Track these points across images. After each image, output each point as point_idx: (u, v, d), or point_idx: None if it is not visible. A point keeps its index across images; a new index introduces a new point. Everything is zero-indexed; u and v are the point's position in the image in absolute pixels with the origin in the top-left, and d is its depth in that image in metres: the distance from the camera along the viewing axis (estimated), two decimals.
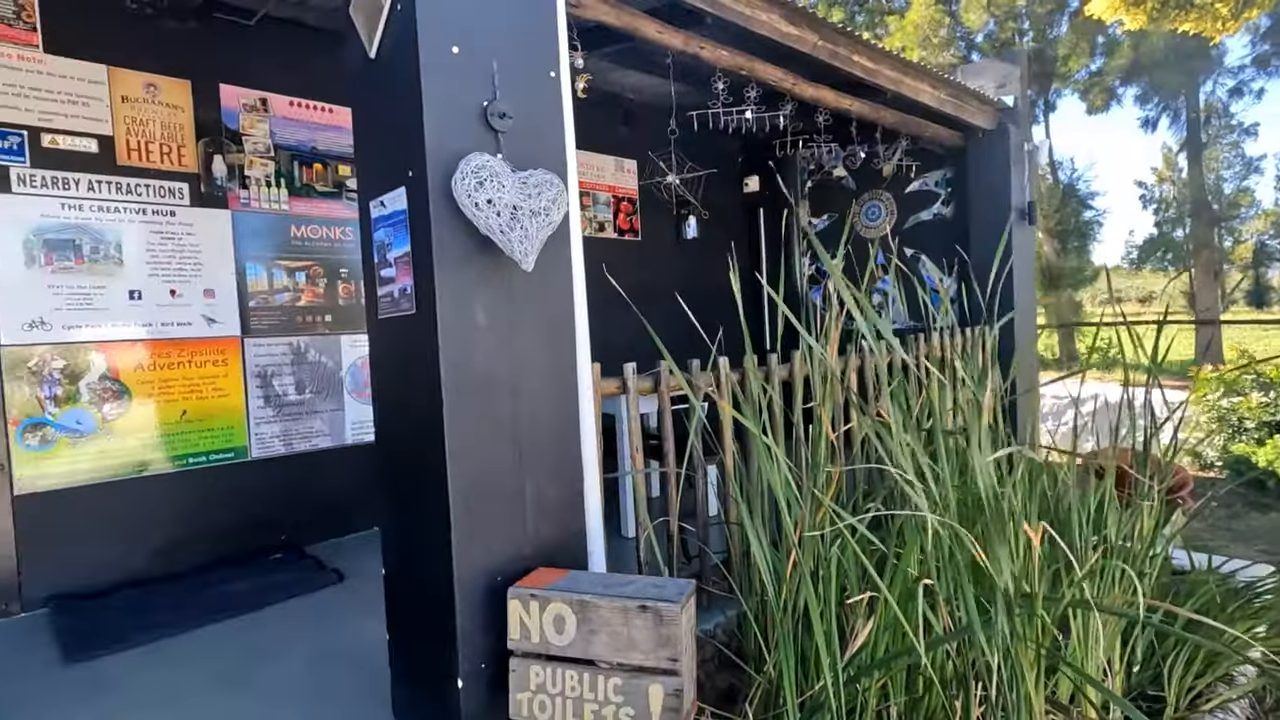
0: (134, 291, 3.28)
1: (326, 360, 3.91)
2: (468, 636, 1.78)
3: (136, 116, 3.29)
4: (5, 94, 2.97)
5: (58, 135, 3.09)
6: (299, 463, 3.80)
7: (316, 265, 3.86)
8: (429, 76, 1.72)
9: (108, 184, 3.21)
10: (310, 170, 3.85)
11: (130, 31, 3.28)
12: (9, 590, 2.97)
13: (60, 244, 3.09)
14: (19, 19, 3.00)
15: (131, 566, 3.26)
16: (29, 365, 3.02)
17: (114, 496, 3.23)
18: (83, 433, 3.15)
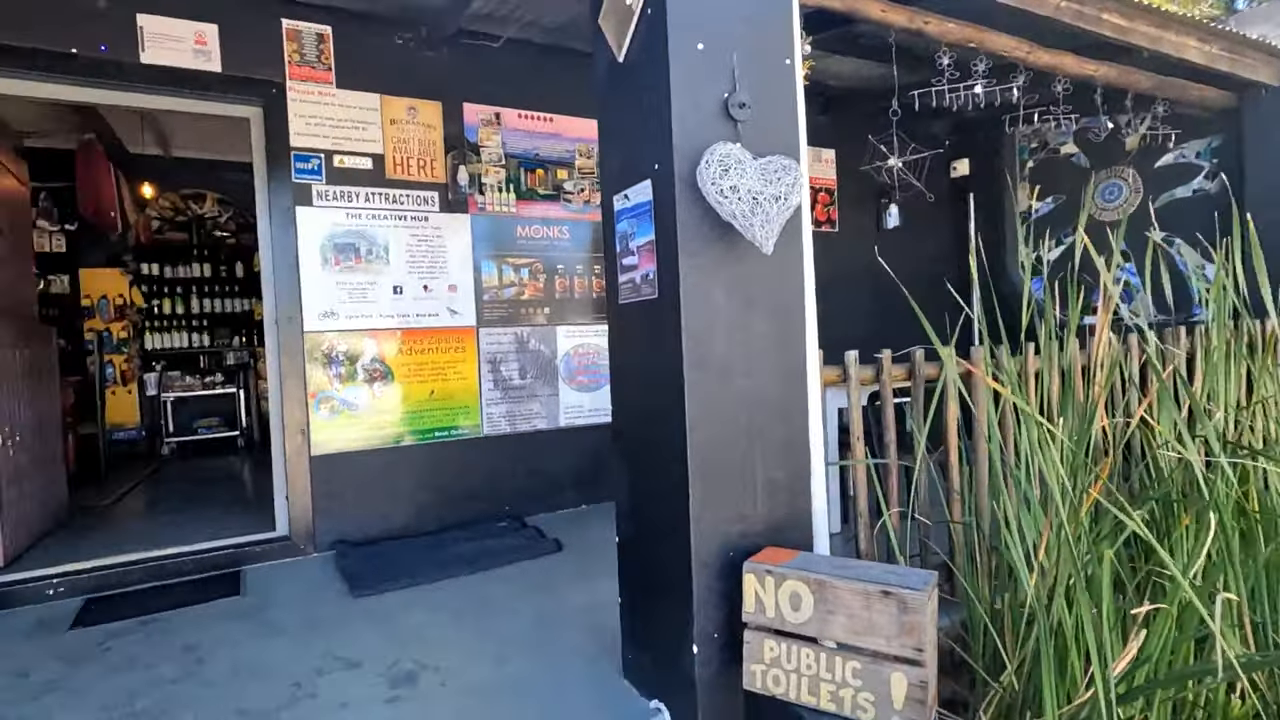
0: (397, 287, 3.82)
1: (544, 349, 4.27)
2: (702, 605, 1.87)
3: (401, 136, 3.83)
4: (309, 124, 3.60)
5: (345, 156, 3.69)
6: (520, 442, 4.19)
7: (537, 262, 4.23)
8: (677, 73, 1.82)
9: (379, 195, 3.77)
10: (533, 175, 4.23)
11: (397, 62, 3.83)
12: (308, 534, 3.61)
13: (345, 247, 3.69)
14: (319, 61, 3.63)
15: (390, 523, 3.81)
16: (322, 349, 3.65)
17: (378, 462, 3.80)
18: (358, 407, 3.74)
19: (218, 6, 3.40)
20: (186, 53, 3.34)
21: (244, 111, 3.57)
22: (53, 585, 3.14)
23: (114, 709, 2.17)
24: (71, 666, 2.48)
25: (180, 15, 3.32)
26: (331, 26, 3.65)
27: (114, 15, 3.20)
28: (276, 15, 3.52)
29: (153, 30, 3.27)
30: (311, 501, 3.62)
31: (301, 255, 3.59)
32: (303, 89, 3.59)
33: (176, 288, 7.59)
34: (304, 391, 3.61)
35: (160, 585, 3.25)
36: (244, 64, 3.47)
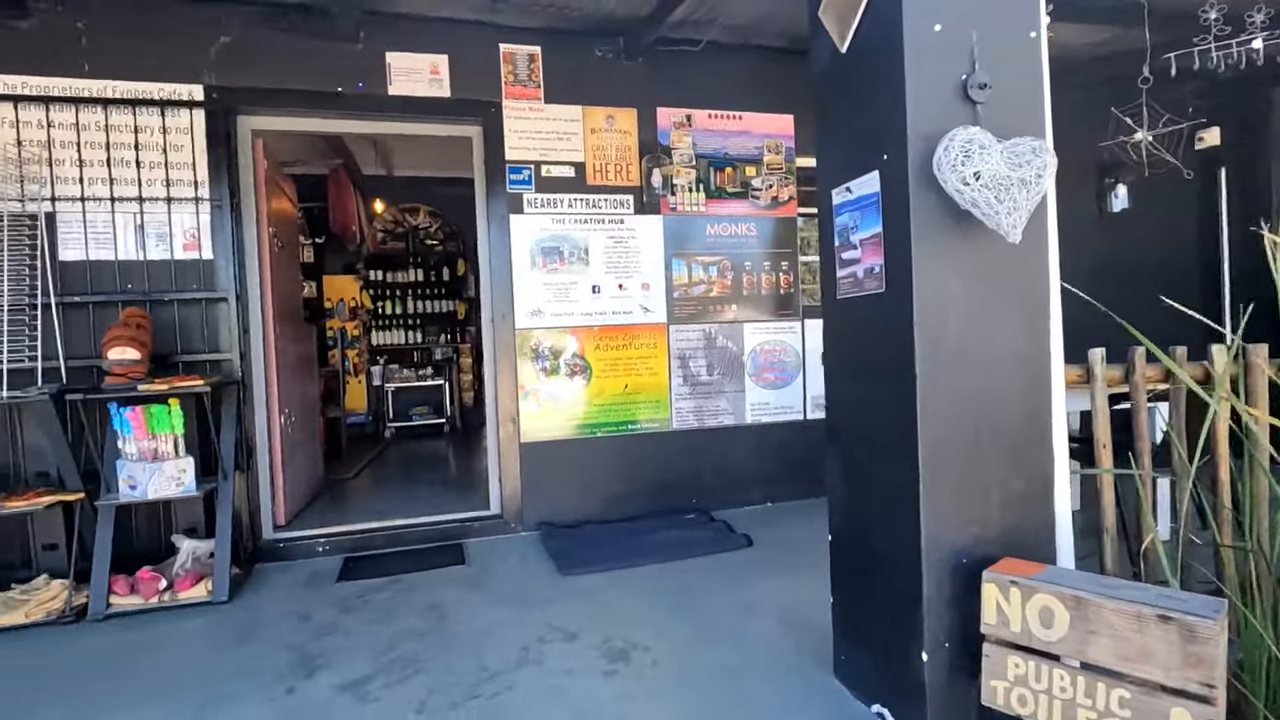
0: (595, 286, 4.05)
1: (731, 346, 4.30)
2: (933, 611, 1.79)
3: (600, 144, 4.05)
4: (521, 138, 3.92)
5: (551, 165, 3.97)
6: (707, 437, 4.26)
7: (725, 259, 4.27)
8: (912, 57, 1.76)
9: (580, 200, 4.02)
10: (722, 174, 4.27)
11: (597, 74, 4.05)
12: (517, 514, 3.94)
13: (550, 250, 3.98)
14: (530, 79, 3.94)
15: (588, 508, 4.05)
16: (530, 345, 3.96)
17: (577, 452, 4.05)
18: (560, 399, 4.01)
19: (448, 39, 3.81)
20: (423, 82, 3.78)
21: (467, 131, 3.97)
22: (320, 544, 3.71)
23: (380, 654, 2.52)
24: (342, 613, 2.91)
25: (419, 50, 3.77)
26: (540, 46, 3.95)
27: (369, 56, 3.71)
28: (495, 41, 3.87)
29: (399, 66, 3.74)
30: (520, 485, 3.95)
31: (514, 259, 3.92)
32: (516, 106, 3.91)
33: (396, 291, 8.61)
34: (515, 384, 3.94)
35: (400, 550, 3.72)
36: (468, 88, 3.85)
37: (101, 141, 3.35)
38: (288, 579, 3.37)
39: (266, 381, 3.77)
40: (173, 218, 3.44)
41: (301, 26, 3.57)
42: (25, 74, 3.28)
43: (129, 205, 3.39)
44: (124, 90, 3.38)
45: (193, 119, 3.46)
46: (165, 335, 3.41)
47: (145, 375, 3.14)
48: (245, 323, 3.62)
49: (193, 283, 3.49)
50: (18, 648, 2.73)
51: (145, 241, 3.42)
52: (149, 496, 3.01)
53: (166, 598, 3.02)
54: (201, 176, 3.48)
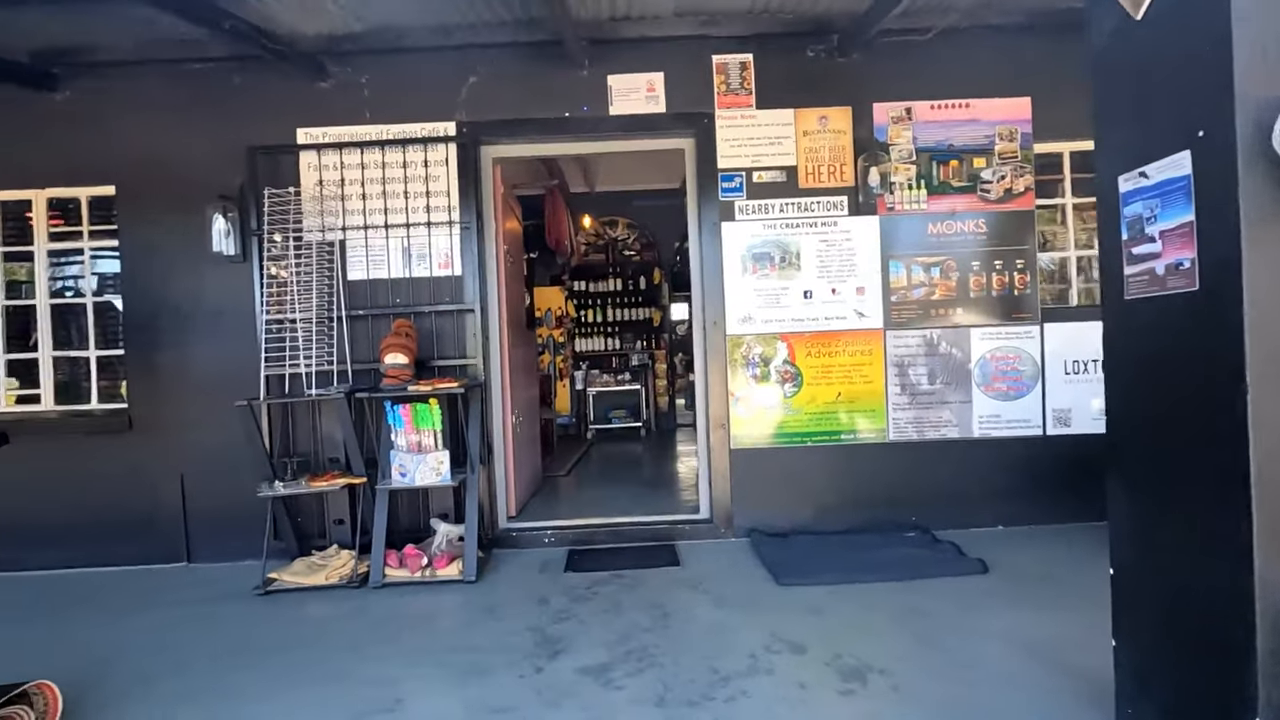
0: (807, 291, 3.96)
1: (956, 352, 3.98)
2: (1268, 671, 1.50)
3: (812, 146, 3.96)
4: (733, 146, 3.96)
5: (762, 171, 3.96)
6: (928, 450, 3.98)
7: (949, 260, 3.97)
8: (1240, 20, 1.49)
9: (792, 205, 3.96)
10: (946, 168, 3.98)
11: (809, 76, 3.97)
12: (727, 518, 3.97)
13: (761, 256, 3.96)
14: (741, 87, 3.96)
15: (798, 518, 3.96)
16: (740, 351, 3.97)
17: (787, 459, 3.98)
18: (771, 406, 3.98)
19: (663, 56, 3.95)
20: (641, 100, 3.96)
21: (680, 143, 4.09)
22: (547, 535, 4.01)
23: (614, 645, 2.66)
24: (574, 602, 3.12)
25: (637, 70, 3.95)
26: (752, 53, 3.96)
27: (592, 80, 3.96)
28: (708, 54, 3.95)
29: (619, 87, 3.95)
30: (730, 491, 3.97)
31: (725, 265, 3.96)
32: (728, 115, 3.96)
33: (596, 300, 9.12)
34: (725, 390, 3.97)
35: (618, 547, 3.90)
36: (682, 101, 3.97)
37: (378, 178, 3.93)
38: (522, 565, 3.69)
39: (501, 384, 4.16)
40: (431, 240, 3.93)
41: (537, 60, 3.91)
42: (324, 125, 3.94)
43: (398, 231, 3.93)
44: (395, 132, 3.93)
45: (447, 152, 3.93)
46: (425, 342, 3.89)
47: (412, 377, 3.61)
48: (486, 331, 4.03)
49: (445, 296, 3.96)
50: (320, 603, 3.27)
51: (410, 261, 3.94)
52: (416, 484, 3.46)
53: (427, 574, 3.44)
54: (453, 202, 3.94)
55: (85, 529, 3.93)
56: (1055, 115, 3.95)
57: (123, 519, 3.94)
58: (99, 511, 3.94)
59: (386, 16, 3.65)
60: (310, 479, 3.59)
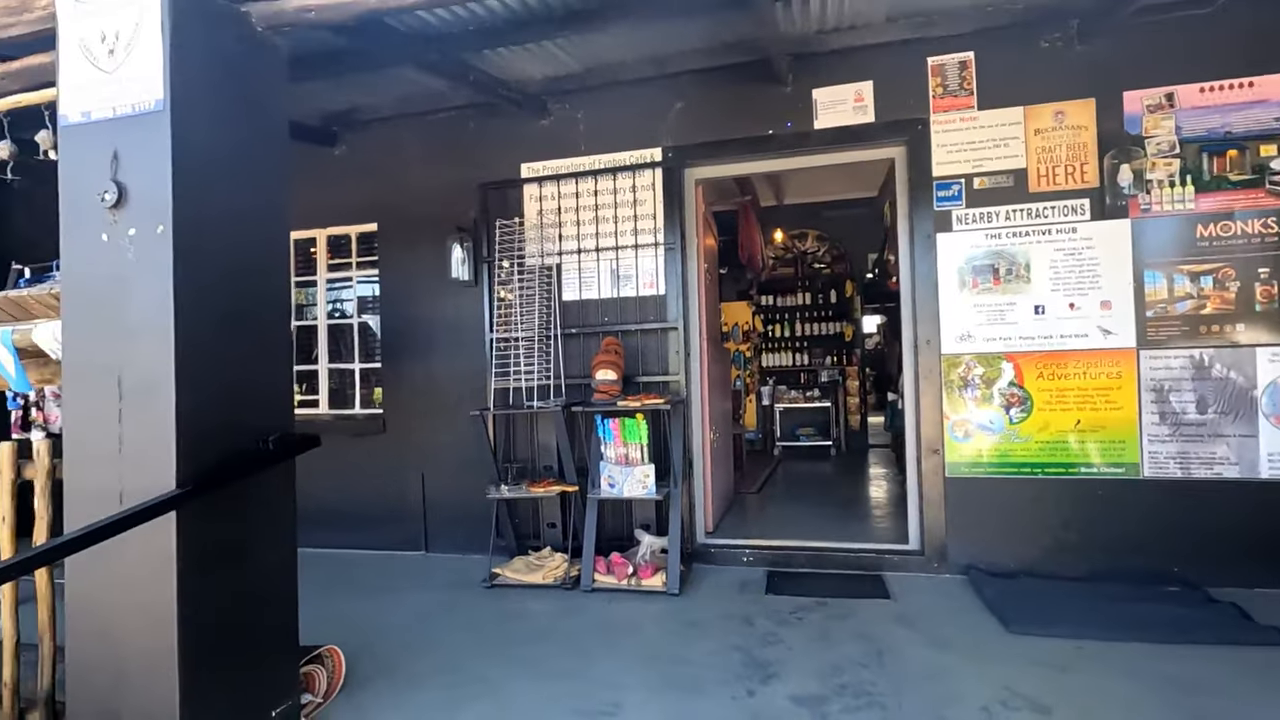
0: (1038, 306, 3.57)
1: (1235, 376, 3.35)
2: None
3: (1045, 145, 3.58)
4: (950, 151, 3.70)
5: (984, 177, 3.65)
6: (1197, 491, 3.39)
7: (1226, 267, 3.36)
8: None
9: (1020, 211, 3.60)
10: (1222, 159, 3.39)
11: (1042, 68, 3.60)
12: (940, 552, 3.68)
13: (982, 269, 3.65)
14: (960, 88, 3.69)
15: (1024, 557, 3.56)
16: (958, 371, 3.68)
17: (1013, 492, 3.60)
18: (994, 431, 3.63)
19: (872, 64, 3.80)
20: (848, 111, 3.84)
21: (889, 152, 3.90)
22: (744, 554, 3.99)
23: (827, 676, 2.57)
24: (779, 625, 3.07)
25: (844, 81, 3.84)
26: (974, 51, 3.67)
27: (796, 96, 3.92)
28: (922, 55, 3.74)
29: (824, 100, 3.87)
30: (944, 522, 3.68)
31: (940, 279, 3.70)
32: (944, 119, 3.71)
33: (784, 314, 8.97)
34: (939, 413, 3.70)
35: (820, 573, 3.78)
36: (892, 109, 3.79)
37: (591, 205, 4.20)
38: (722, 582, 3.70)
39: (700, 400, 4.23)
40: (638, 261, 4.12)
41: (739, 80, 3.95)
42: (545, 159, 4.29)
43: (607, 254, 4.17)
44: (605, 161, 4.18)
45: (654, 177, 4.10)
46: (630, 359, 4.07)
47: (620, 393, 3.79)
48: (686, 347, 4.12)
49: (650, 315, 4.11)
50: (539, 601, 3.52)
51: (618, 282, 4.15)
52: (624, 495, 3.62)
53: (633, 582, 3.57)
54: (658, 225, 4.10)
55: (348, 516, 4.60)
56: None
57: (376, 509, 4.57)
58: (358, 502, 4.59)
59: (607, 55, 3.90)
60: (529, 485, 3.90)
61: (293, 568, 2.31)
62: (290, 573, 2.29)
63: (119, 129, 1.98)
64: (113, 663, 1.91)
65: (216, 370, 2.03)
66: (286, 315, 2.39)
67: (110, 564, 1.89)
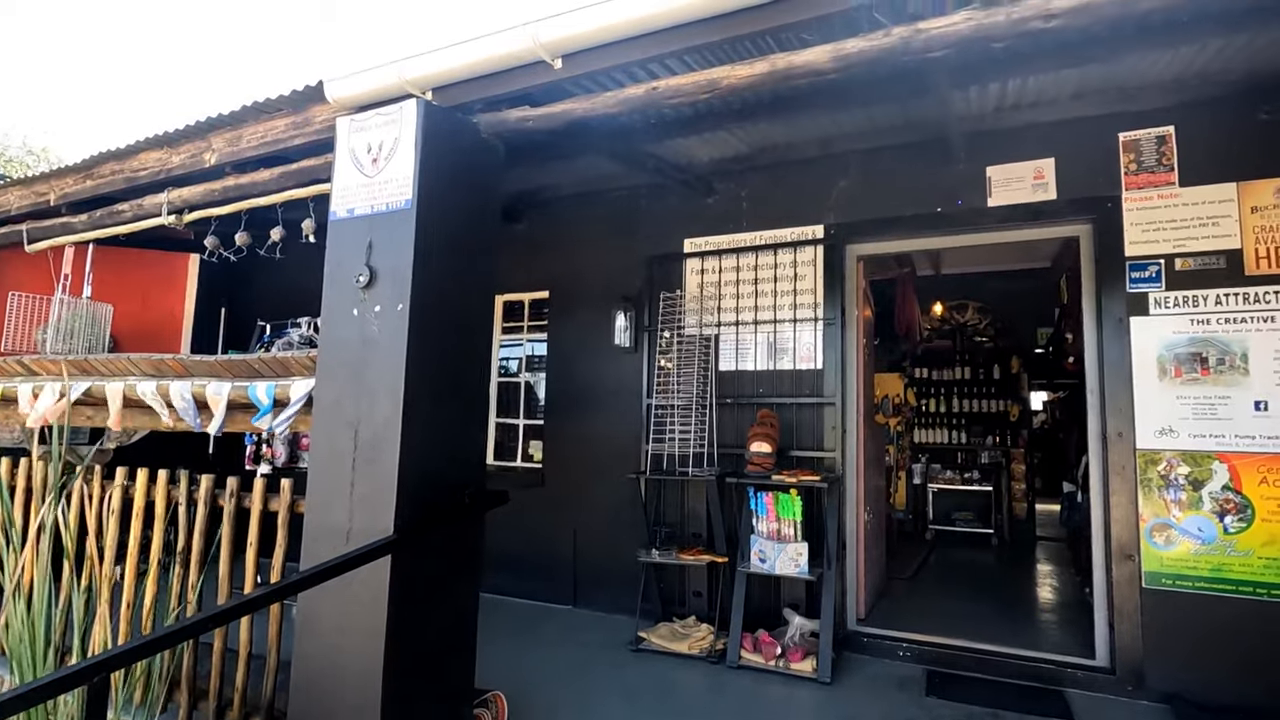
0: (1260, 403, 3.17)
1: None
2: None
3: (1265, 224, 3.24)
4: (1146, 230, 3.44)
5: (1189, 258, 3.35)
6: None
7: None
8: None
9: (1235, 296, 3.25)
10: None
11: (1259, 141, 3.29)
12: (1135, 672, 3.26)
13: (1188, 357, 3.31)
14: (1159, 164, 3.46)
15: (1249, 693, 3.06)
16: (1158, 469, 3.32)
17: (1229, 612, 3.13)
18: (1204, 540, 3.21)
19: (1053, 140, 3.67)
20: (1025, 189, 3.71)
21: (1073, 230, 3.70)
22: (901, 647, 3.75)
23: None
24: None
25: (1022, 158, 3.73)
26: (1174, 125, 3.44)
27: (968, 173, 3.85)
28: (1112, 131, 3.55)
29: (999, 178, 3.77)
30: (1142, 639, 3.26)
31: (1135, 367, 3.40)
32: (1139, 196, 3.47)
33: (940, 389, 8.50)
34: (1134, 514, 3.34)
35: (987, 679, 3.47)
36: (1077, 186, 3.61)
37: (750, 279, 4.32)
38: (875, 675, 3.50)
39: (856, 478, 4.11)
40: (797, 334, 4.15)
41: (906, 158, 3.96)
42: (707, 235, 4.50)
43: (765, 327, 4.24)
44: (767, 237, 4.31)
45: (815, 253, 4.16)
46: (784, 433, 4.07)
47: (774, 466, 3.79)
48: (843, 424, 4.05)
49: (806, 389, 4.11)
50: (684, 671, 3.52)
51: (774, 355, 4.21)
52: (776, 571, 3.57)
53: (781, 664, 3.48)
54: (818, 300, 4.13)
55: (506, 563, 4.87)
56: None
57: (530, 560, 4.81)
58: (515, 551, 4.86)
59: (775, 137, 4.07)
60: (679, 551, 3.95)
61: (474, 612, 2.51)
62: (473, 616, 2.50)
63: (375, 223, 2.37)
64: (333, 674, 2.17)
65: (431, 428, 2.31)
66: (486, 377, 2.67)
67: (338, 591, 2.17)
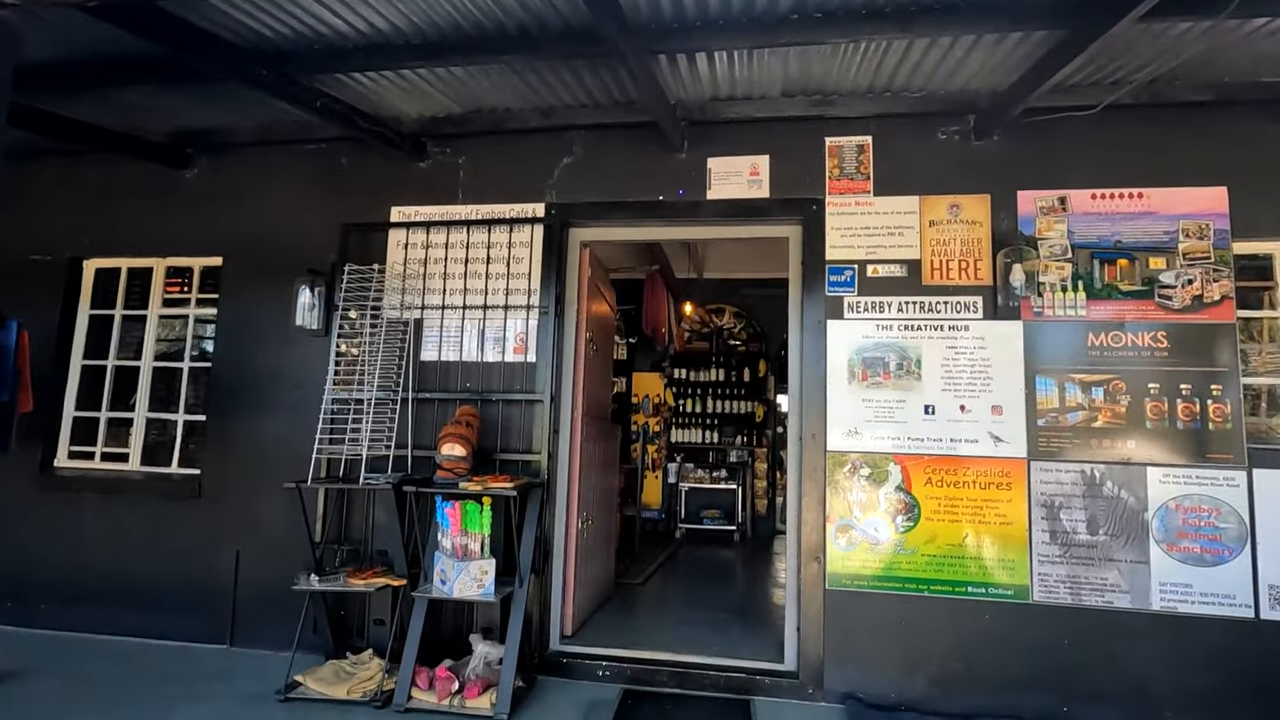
0: (928, 406, 3.32)
1: (1127, 496, 3.14)
2: None
3: (940, 238, 3.41)
4: (844, 235, 3.49)
5: (878, 265, 3.44)
6: (1086, 620, 3.10)
7: (1117, 380, 3.20)
8: None
9: (913, 304, 3.39)
10: (1112, 268, 3.27)
11: (939, 159, 3.47)
12: (815, 676, 3.25)
13: (873, 361, 3.39)
14: (857, 172, 3.52)
15: (908, 688, 3.17)
16: (844, 470, 3.35)
17: (897, 610, 3.24)
18: (879, 541, 3.29)
19: (769, 138, 3.61)
20: (742, 183, 3.61)
21: (785, 231, 3.67)
22: (601, 667, 3.45)
23: None
24: None
25: (740, 153, 3.63)
26: (872, 135, 3.53)
27: (690, 163, 3.67)
28: (819, 135, 3.57)
29: (719, 170, 3.64)
30: (823, 640, 3.27)
31: (829, 369, 3.41)
32: (840, 201, 3.51)
33: (697, 390, 8.67)
34: (822, 515, 3.34)
35: (681, 694, 3.28)
36: (788, 186, 3.58)
37: (461, 257, 3.79)
38: (566, 702, 3.15)
39: (569, 483, 3.76)
40: (508, 323, 3.70)
41: (633, 141, 3.69)
42: (418, 204, 3.89)
43: (475, 313, 3.74)
44: (484, 212, 3.81)
45: (533, 234, 3.74)
46: (489, 432, 3.60)
47: (467, 472, 3.29)
48: (556, 424, 3.68)
49: (517, 384, 3.67)
50: None
51: (484, 345, 3.71)
52: (454, 595, 3.06)
53: (455, 702, 2.99)
54: (534, 285, 3.71)
55: (137, 594, 3.84)
56: (1260, 208, 3.19)
57: (176, 590, 3.84)
58: (156, 579, 3.85)
59: (489, 99, 3.58)
60: (351, 574, 3.30)
61: None
62: None
63: None
64: None
65: None
66: None
67: None
